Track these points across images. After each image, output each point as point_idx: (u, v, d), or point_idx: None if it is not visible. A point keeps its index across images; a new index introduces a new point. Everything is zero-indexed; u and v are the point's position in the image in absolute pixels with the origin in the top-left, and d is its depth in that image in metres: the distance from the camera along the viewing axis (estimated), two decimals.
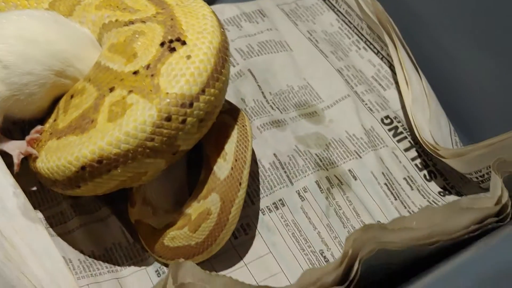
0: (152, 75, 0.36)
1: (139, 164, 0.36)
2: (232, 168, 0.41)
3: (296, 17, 0.58)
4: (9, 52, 0.37)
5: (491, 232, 0.38)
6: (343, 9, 0.57)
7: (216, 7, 0.58)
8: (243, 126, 0.42)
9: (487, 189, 0.39)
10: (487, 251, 0.35)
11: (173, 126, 0.35)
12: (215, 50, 0.37)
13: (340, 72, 0.54)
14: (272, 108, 0.51)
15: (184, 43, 0.37)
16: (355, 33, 0.56)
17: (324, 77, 0.54)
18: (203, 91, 0.36)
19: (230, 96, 0.51)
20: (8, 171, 0.38)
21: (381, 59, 0.54)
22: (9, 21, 0.38)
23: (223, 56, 0.38)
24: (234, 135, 0.42)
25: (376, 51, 0.55)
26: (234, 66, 0.53)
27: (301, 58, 0.55)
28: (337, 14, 0.58)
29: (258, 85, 0.52)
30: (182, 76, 0.35)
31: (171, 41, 0.37)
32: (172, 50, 0.37)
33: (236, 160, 0.41)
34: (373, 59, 0.54)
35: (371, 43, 0.55)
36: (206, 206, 0.40)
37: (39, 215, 0.43)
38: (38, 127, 0.40)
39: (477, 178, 0.45)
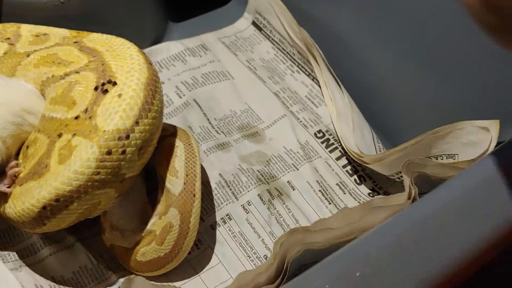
0: (90, 117, 0.41)
1: (91, 196, 0.41)
2: (184, 183, 0.46)
3: (236, 48, 0.65)
4: None
5: None
6: (277, 38, 0.63)
7: (163, 45, 0.64)
8: (189, 144, 0.48)
9: None
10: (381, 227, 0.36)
11: (115, 158, 0.40)
12: (143, 85, 0.42)
13: (277, 95, 0.60)
14: (217, 133, 0.57)
15: (115, 83, 0.42)
16: (289, 59, 0.63)
17: (263, 100, 0.60)
18: (137, 123, 0.41)
19: (178, 124, 0.57)
20: None
21: (312, 80, 0.60)
22: None
23: (152, 88, 0.43)
24: (182, 153, 0.47)
25: (307, 73, 0.61)
26: (180, 97, 0.59)
27: (242, 85, 0.61)
28: (272, 43, 0.64)
29: (204, 113, 0.58)
30: (116, 113, 0.41)
31: (103, 84, 0.42)
32: (105, 92, 0.42)
33: (187, 175, 0.46)
34: (305, 81, 0.61)
35: (302, 67, 0.61)
36: (167, 220, 0.46)
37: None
38: (13, 162, 0.44)
39: (399, 178, 0.51)
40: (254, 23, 0.66)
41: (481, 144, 0.44)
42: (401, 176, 0.51)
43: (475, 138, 0.44)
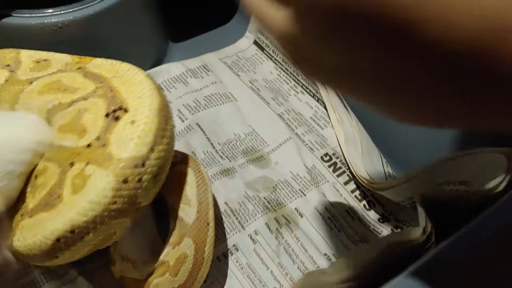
0: (103, 145, 0.39)
1: (107, 226, 0.40)
2: (198, 212, 0.45)
3: (238, 68, 0.63)
4: None
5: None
6: (280, 57, 0.62)
7: (163, 66, 0.62)
8: (199, 171, 0.47)
9: None
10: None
11: (131, 186, 0.39)
12: (156, 111, 0.41)
13: (281, 117, 0.58)
14: (222, 158, 0.55)
15: (126, 110, 0.41)
16: (293, 79, 0.61)
17: (268, 122, 0.58)
18: (152, 150, 0.40)
19: (182, 149, 0.55)
20: None
21: (317, 101, 0.59)
22: None
23: (164, 114, 0.42)
24: (193, 181, 0.46)
25: (312, 94, 0.60)
26: (183, 121, 0.58)
27: (246, 107, 0.59)
28: (275, 63, 0.63)
29: (207, 137, 0.57)
30: (131, 140, 0.39)
31: (114, 111, 0.41)
32: (117, 118, 0.40)
33: (200, 203, 0.45)
34: (310, 102, 0.59)
35: (307, 87, 0.60)
36: (182, 251, 0.44)
37: None
38: None
39: (409, 204, 0.49)
40: (256, 43, 0.65)
41: (497, 172, 0.43)
42: (412, 203, 0.49)
43: (490, 165, 0.43)
